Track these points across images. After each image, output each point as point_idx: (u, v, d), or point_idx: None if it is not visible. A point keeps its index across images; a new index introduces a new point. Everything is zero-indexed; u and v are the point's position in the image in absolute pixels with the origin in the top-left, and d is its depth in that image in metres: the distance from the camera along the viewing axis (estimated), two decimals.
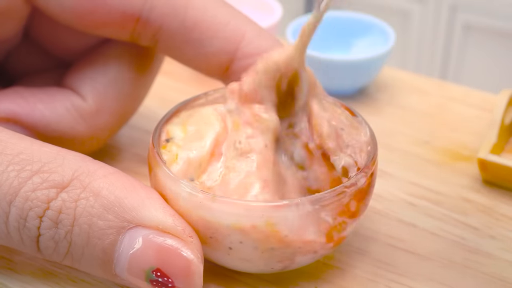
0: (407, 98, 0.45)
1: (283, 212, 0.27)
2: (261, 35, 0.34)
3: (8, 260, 0.31)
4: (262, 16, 0.49)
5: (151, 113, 0.42)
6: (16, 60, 0.37)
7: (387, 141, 0.40)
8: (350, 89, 0.45)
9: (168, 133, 0.30)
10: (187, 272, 0.27)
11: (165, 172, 0.28)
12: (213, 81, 0.36)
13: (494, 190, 0.37)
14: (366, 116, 0.33)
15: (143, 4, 0.33)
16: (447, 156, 0.39)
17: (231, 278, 0.30)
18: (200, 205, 0.27)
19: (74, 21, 0.33)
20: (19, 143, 0.28)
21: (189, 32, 0.33)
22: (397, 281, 0.31)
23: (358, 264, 0.31)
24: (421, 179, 0.37)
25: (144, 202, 0.27)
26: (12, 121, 0.33)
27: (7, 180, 0.27)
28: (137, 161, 0.38)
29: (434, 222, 0.34)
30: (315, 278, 0.31)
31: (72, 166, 0.27)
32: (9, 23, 0.33)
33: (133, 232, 0.27)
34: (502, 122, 0.37)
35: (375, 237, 0.33)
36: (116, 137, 0.40)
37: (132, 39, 0.34)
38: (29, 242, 0.27)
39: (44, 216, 0.27)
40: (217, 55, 0.34)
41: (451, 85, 0.46)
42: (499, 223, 0.34)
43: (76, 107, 0.34)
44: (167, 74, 0.46)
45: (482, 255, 0.32)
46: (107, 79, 0.35)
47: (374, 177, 0.29)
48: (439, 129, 0.42)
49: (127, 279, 0.27)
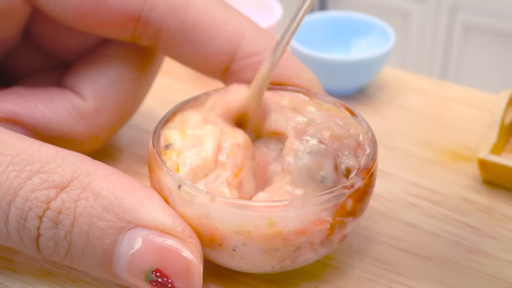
0: (407, 98, 0.45)
1: (283, 211, 0.27)
2: (261, 35, 0.34)
3: (8, 260, 0.31)
4: (262, 16, 0.49)
5: (151, 113, 0.42)
6: (16, 60, 0.37)
7: (387, 141, 0.40)
8: (350, 89, 0.45)
9: (166, 139, 0.30)
10: (186, 272, 0.27)
11: (165, 172, 0.28)
12: (213, 81, 0.36)
13: (494, 190, 0.37)
14: (366, 116, 0.33)
15: (143, 4, 0.33)
16: (447, 156, 0.39)
17: (231, 278, 0.30)
18: (200, 206, 0.27)
19: (74, 21, 0.33)
20: (19, 143, 0.28)
21: (189, 32, 0.33)
22: (397, 281, 0.31)
23: (358, 264, 0.31)
24: (421, 179, 0.37)
25: (144, 202, 0.27)
26: (12, 121, 0.33)
27: (7, 180, 0.27)
28: (137, 161, 0.38)
29: (434, 222, 0.34)
30: (315, 278, 0.31)
31: (72, 166, 0.27)
32: (9, 24, 0.33)
33: (132, 232, 0.27)
34: (502, 122, 0.37)
35: (375, 237, 0.33)
36: (116, 137, 0.40)
37: (132, 39, 0.34)
38: (29, 243, 0.27)
39: (44, 217, 0.27)
40: (217, 55, 0.34)
41: (451, 85, 0.46)
42: (499, 223, 0.34)
43: (76, 107, 0.34)
44: (167, 74, 0.46)
45: (482, 255, 0.32)
46: (107, 79, 0.35)
47: (374, 177, 0.29)
48: (439, 129, 0.42)
49: (127, 279, 0.27)
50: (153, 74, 0.37)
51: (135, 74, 0.35)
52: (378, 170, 0.33)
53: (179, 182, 0.28)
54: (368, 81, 0.45)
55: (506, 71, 1.15)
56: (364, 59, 0.43)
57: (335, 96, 0.33)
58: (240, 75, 0.34)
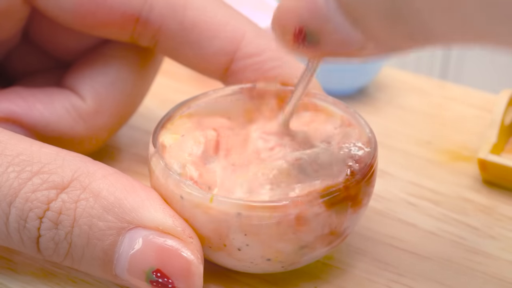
0: (407, 98, 0.45)
1: (284, 211, 0.27)
2: (261, 35, 0.34)
3: (8, 260, 0.31)
4: (262, 16, 0.48)
5: (151, 113, 0.42)
6: (16, 61, 0.37)
7: (387, 141, 0.40)
8: (350, 89, 0.45)
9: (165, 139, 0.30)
10: (187, 272, 0.27)
11: (165, 172, 0.28)
12: (213, 81, 0.36)
13: (494, 190, 0.37)
14: (366, 116, 0.33)
15: (143, 5, 0.33)
16: (447, 156, 0.39)
17: (231, 278, 0.30)
18: (200, 206, 0.27)
19: (74, 22, 0.33)
20: (19, 144, 0.28)
21: (188, 32, 0.33)
22: (397, 281, 0.31)
23: (358, 264, 0.31)
24: (421, 179, 0.37)
25: (144, 202, 0.27)
26: (11, 121, 0.33)
27: (7, 181, 0.27)
28: (137, 161, 0.38)
29: (434, 222, 0.34)
30: (315, 278, 0.31)
31: (72, 167, 0.27)
32: (8, 24, 0.33)
33: (133, 233, 0.27)
34: (502, 122, 0.37)
35: (375, 237, 0.33)
36: (116, 137, 0.40)
37: (131, 39, 0.34)
38: (29, 243, 0.27)
39: (44, 217, 0.27)
40: (216, 56, 0.34)
41: (451, 85, 0.46)
42: (499, 223, 0.34)
43: (75, 108, 0.34)
44: (167, 74, 0.46)
45: (482, 255, 0.32)
46: (107, 79, 0.35)
47: (374, 177, 0.29)
48: (439, 129, 0.42)
49: (127, 280, 0.27)
50: (153, 74, 0.37)
51: (135, 74, 0.35)
52: (378, 170, 0.33)
53: (179, 181, 0.28)
54: (368, 81, 0.45)
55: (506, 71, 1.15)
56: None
57: (335, 96, 0.33)
58: (240, 75, 0.34)
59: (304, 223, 0.27)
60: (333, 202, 0.27)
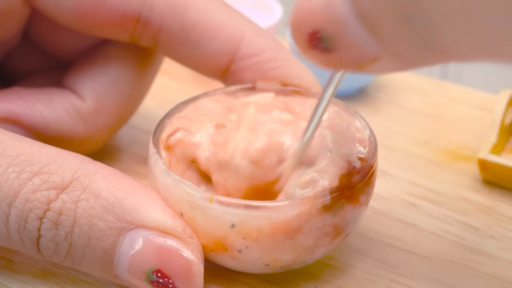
0: (407, 98, 0.45)
1: (284, 211, 0.27)
2: (261, 35, 0.34)
3: (8, 260, 0.31)
4: (262, 16, 0.49)
5: (151, 113, 0.42)
6: (16, 61, 0.37)
7: (387, 141, 0.40)
8: (350, 89, 0.45)
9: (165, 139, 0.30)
10: (187, 272, 0.27)
11: (165, 172, 0.28)
12: (213, 81, 0.36)
13: (494, 190, 0.37)
14: (366, 116, 0.33)
15: (143, 5, 0.33)
16: (447, 156, 0.39)
17: (231, 278, 0.30)
18: (200, 206, 0.27)
19: (74, 22, 0.33)
20: (19, 144, 0.28)
21: (188, 33, 0.33)
22: (397, 281, 0.31)
23: (358, 264, 0.31)
24: (421, 179, 0.37)
25: (144, 203, 0.27)
26: (11, 121, 0.33)
27: (7, 181, 0.27)
28: (137, 161, 0.38)
29: (434, 222, 0.34)
30: (315, 278, 0.31)
31: (72, 167, 0.27)
32: (8, 24, 0.33)
33: (133, 233, 0.27)
34: (502, 122, 0.37)
35: (375, 237, 0.33)
36: (116, 137, 0.40)
37: (132, 40, 0.34)
38: (29, 244, 0.27)
39: (44, 218, 0.27)
40: (216, 56, 0.34)
41: (451, 85, 0.46)
42: (499, 223, 0.34)
43: (75, 108, 0.34)
44: (167, 74, 0.46)
45: (482, 255, 0.32)
46: (107, 79, 0.35)
47: (374, 177, 0.29)
48: (439, 129, 0.42)
49: (128, 280, 0.27)
50: (153, 74, 0.37)
51: (135, 74, 0.35)
52: (378, 170, 0.33)
53: (179, 181, 0.28)
54: (368, 81, 0.45)
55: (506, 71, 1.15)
56: None
57: (335, 96, 0.33)
58: (240, 75, 0.34)
59: (304, 223, 0.27)
60: (333, 203, 0.27)
